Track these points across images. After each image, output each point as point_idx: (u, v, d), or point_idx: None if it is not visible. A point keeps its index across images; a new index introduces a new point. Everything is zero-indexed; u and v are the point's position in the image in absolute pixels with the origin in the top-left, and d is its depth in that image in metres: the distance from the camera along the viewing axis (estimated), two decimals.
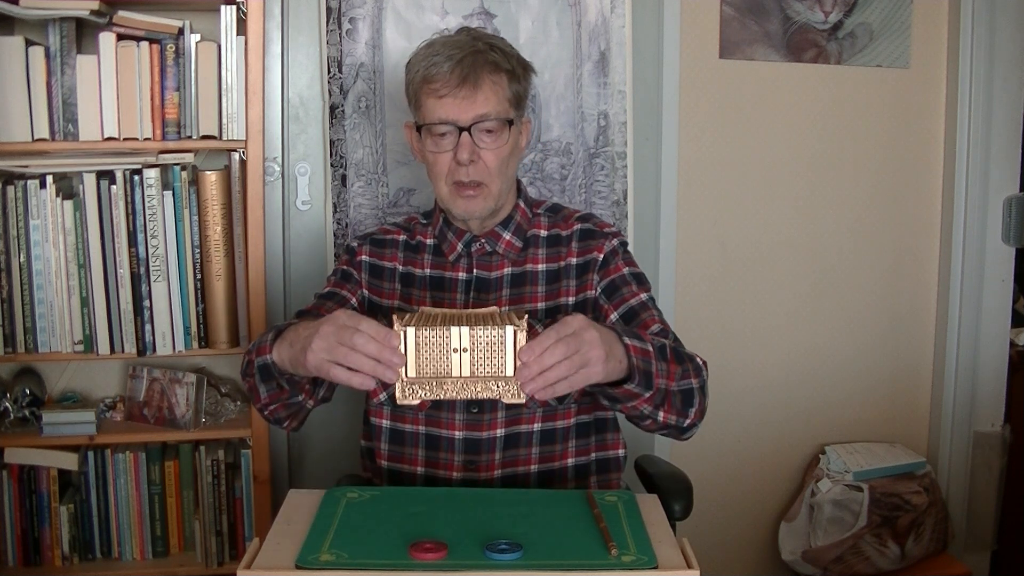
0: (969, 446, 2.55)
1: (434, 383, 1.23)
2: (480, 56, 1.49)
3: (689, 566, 1.17)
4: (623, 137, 2.29)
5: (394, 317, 1.24)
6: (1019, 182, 2.50)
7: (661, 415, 1.38)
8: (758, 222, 2.46)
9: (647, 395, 1.34)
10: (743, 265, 2.47)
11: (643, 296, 1.57)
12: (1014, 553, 2.62)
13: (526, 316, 1.23)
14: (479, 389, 1.22)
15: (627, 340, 1.31)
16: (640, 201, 2.34)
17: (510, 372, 1.22)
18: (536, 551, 1.21)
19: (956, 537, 2.54)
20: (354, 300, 1.62)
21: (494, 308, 1.29)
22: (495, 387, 1.22)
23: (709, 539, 2.49)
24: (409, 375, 1.22)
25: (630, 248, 2.26)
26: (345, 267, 1.66)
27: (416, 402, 1.24)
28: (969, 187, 2.47)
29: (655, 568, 1.17)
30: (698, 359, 1.48)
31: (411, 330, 1.21)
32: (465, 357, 1.21)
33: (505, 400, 1.23)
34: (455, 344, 1.21)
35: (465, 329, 1.21)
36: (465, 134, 1.49)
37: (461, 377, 1.22)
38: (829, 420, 2.56)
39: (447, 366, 1.22)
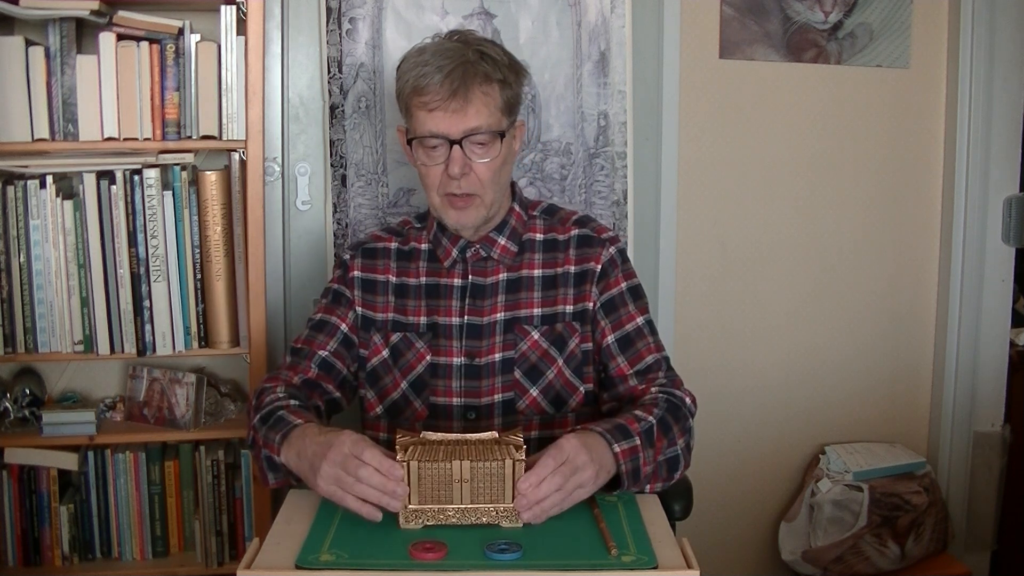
0: (969, 446, 2.55)
1: (436, 510, 1.28)
2: (470, 67, 1.47)
3: (689, 566, 1.18)
4: (623, 137, 2.29)
5: (397, 447, 1.28)
6: (1019, 182, 2.50)
7: (648, 488, 1.44)
8: (758, 222, 2.46)
9: (635, 484, 1.40)
10: (743, 265, 2.46)
11: (639, 320, 1.59)
12: (1014, 553, 2.62)
13: (524, 447, 1.28)
14: (479, 515, 1.28)
15: (616, 448, 1.36)
16: (640, 201, 2.34)
17: (509, 502, 1.28)
18: (536, 551, 1.21)
19: (956, 537, 2.53)
20: (344, 326, 1.62)
21: (493, 434, 1.33)
22: (494, 513, 1.28)
23: (709, 539, 2.48)
24: (412, 504, 1.28)
25: (630, 250, 2.27)
26: (337, 286, 1.66)
27: (419, 527, 1.29)
28: (969, 187, 2.46)
29: (655, 568, 1.17)
30: (687, 402, 1.52)
31: (414, 464, 1.27)
32: (466, 487, 1.28)
33: (503, 525, 1.29)
34: (456, 476, 1.27)
35: (467, 463, 1.27)
36: (456, 148, 1.48)
37: (462, 504, 1.28)
38: (829, 420, 2.55)
39: (448, 495, 1.28)
